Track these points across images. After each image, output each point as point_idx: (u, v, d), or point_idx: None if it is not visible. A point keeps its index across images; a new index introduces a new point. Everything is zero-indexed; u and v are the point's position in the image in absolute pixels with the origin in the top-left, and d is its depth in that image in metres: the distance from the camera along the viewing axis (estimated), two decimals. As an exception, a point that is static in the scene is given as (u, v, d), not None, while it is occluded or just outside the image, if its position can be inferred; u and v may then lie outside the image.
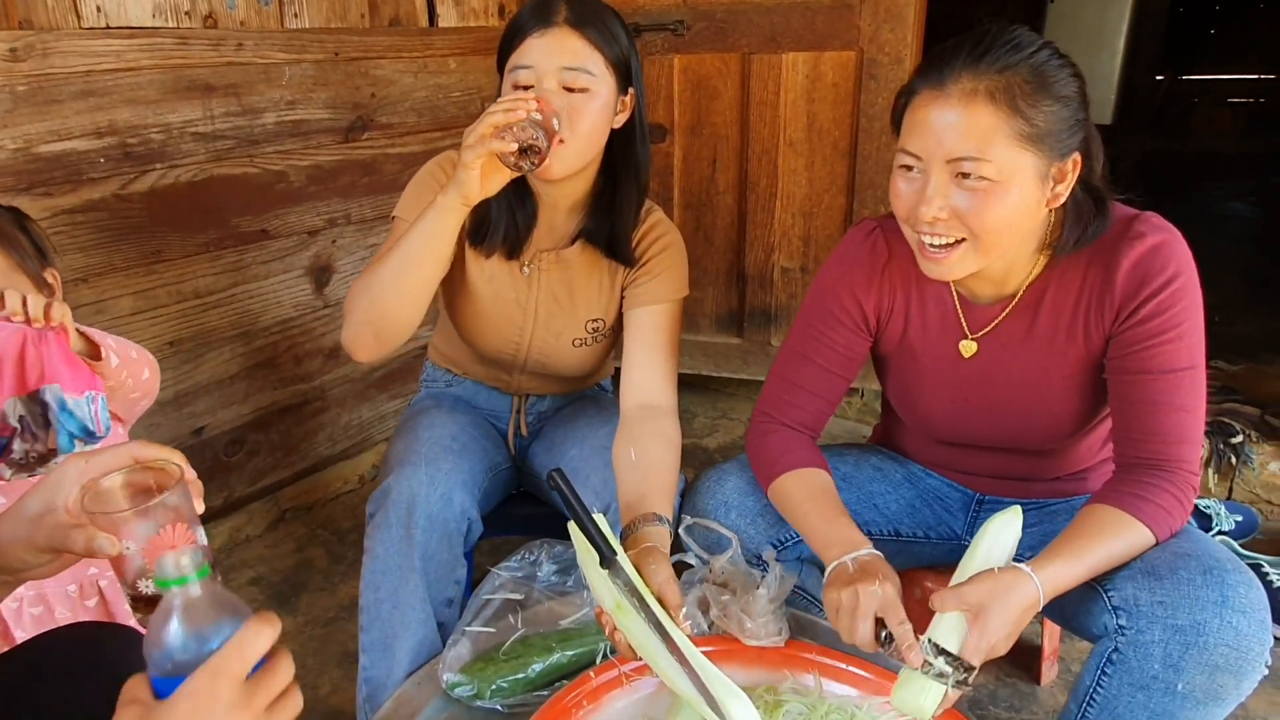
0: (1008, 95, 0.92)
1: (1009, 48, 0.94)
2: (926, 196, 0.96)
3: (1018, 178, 0.95)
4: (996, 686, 1.60)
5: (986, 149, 0.93)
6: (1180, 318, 1.02)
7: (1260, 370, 2.53)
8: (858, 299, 1.18)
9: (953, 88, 0.93)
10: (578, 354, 1.38)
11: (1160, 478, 1.02)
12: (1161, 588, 0.95)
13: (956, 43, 0.97)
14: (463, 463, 1.28)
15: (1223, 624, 0.91)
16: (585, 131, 1.16)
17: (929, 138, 0.95)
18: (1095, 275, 1.05)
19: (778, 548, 1.18)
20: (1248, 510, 2.02)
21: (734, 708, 0.89)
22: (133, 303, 1.73)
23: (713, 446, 2.56)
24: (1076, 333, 1.08)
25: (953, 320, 1.15)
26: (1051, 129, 0.94)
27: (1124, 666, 0.97)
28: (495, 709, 1.05)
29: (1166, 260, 1.01)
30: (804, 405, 1.21)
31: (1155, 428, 1.03)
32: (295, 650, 1.72)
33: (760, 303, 2.51)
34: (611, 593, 0.98)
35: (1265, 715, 1.51)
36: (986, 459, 1.25)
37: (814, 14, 2.19)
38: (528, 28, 1.15)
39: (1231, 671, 0.92)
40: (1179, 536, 1.02)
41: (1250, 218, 5.14)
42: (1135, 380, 1.04)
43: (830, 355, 1.20)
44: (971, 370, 1.16)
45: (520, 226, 1.29)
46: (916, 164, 0.98)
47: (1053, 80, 0.94)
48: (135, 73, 1.65)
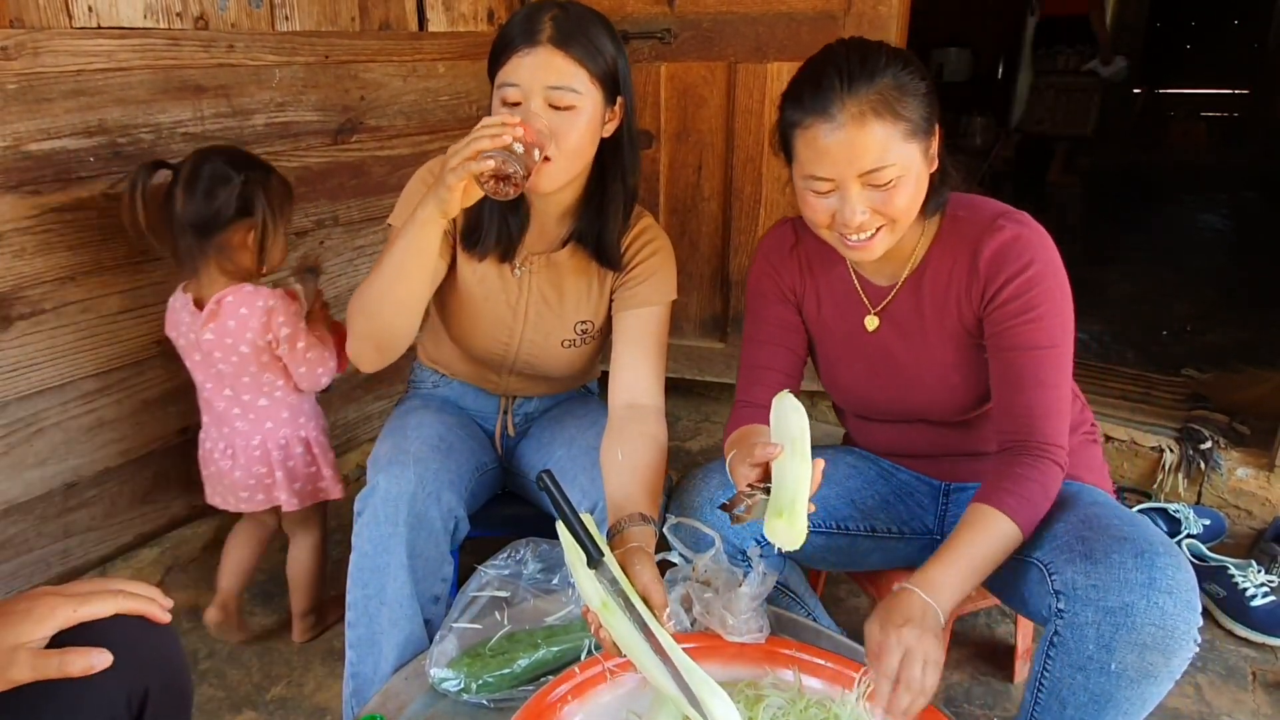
0: (886, 105, 1.05)
1: (866, 69, 1.06)
2: (850, 208, 1.08)
3: (913, 165, 1.08)
4: (971, 684, 1.64)
5: (886, 155, 1.05)
6: (1038, 300, 1.12)
7: (1229, 378, 2.59)
8: (776, 278, 1.32)
9: (842, 116, 1.04)
10: (566, 355, 1.40)
11: (1026, 464, 1.10)
12: (1095, 570, 1.00)
13: (820, 72, 1.08)
14: (450, 462, 1.29)
15: (1149, 605, 0.96)
16: (571, 148, 1.17)
17: (838, 162, 1.06)
18: (963, 260, 1.17)
19: (760, 542, 1.21)
20: (1215, 515, 2.07)
21: (715, 706, 0.92)
22: (120, 301, 1.73)
23: (696, 449, 2.58)
24: (951, 310, 1.20)
25: (855, 298, 1.28)
26: (921, 116, 1.07)
27: (1063, 648, 1.02)
28: (481, 704, 1.07)
29: (1023, 250, 1.13)
30: (765, 381, 1.30)
31: (1021, 404, 1.13)
32: (281, 648, 1.73)
33: (744, 308, 2.53)
34: (598, 592, 1.00)
35: (1229, 711, 1.56)
36: (913, 434, 1.33)
37: (798, 25, 2.23)
38: (514, 44, 1.15)
39: (1160, 650, 0.97)
40: (1118, 518, 1.07)
41: (1222, 230, 5.25)
42: (1004, 358, 1.15)
43: (772, 330, 1.32)
44: (876, 344, 1.27)
45: (513, 231, 1.30)
46: (828, 185, 1.09)
47: (908, 81, 1.07)
48: (126, 73, 1.65)
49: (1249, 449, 2.16)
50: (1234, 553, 1.96)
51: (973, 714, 1.57)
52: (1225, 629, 1.76)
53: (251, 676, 1.66)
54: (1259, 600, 1.73)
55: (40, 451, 1.66)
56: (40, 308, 1.61)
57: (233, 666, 1.68)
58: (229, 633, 1.72)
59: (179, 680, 0.92)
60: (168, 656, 0.90)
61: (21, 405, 1.62)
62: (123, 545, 1.85)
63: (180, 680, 0.92)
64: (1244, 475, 2.14)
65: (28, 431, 1.63)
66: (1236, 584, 1.77)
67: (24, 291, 1.58)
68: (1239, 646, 1.73)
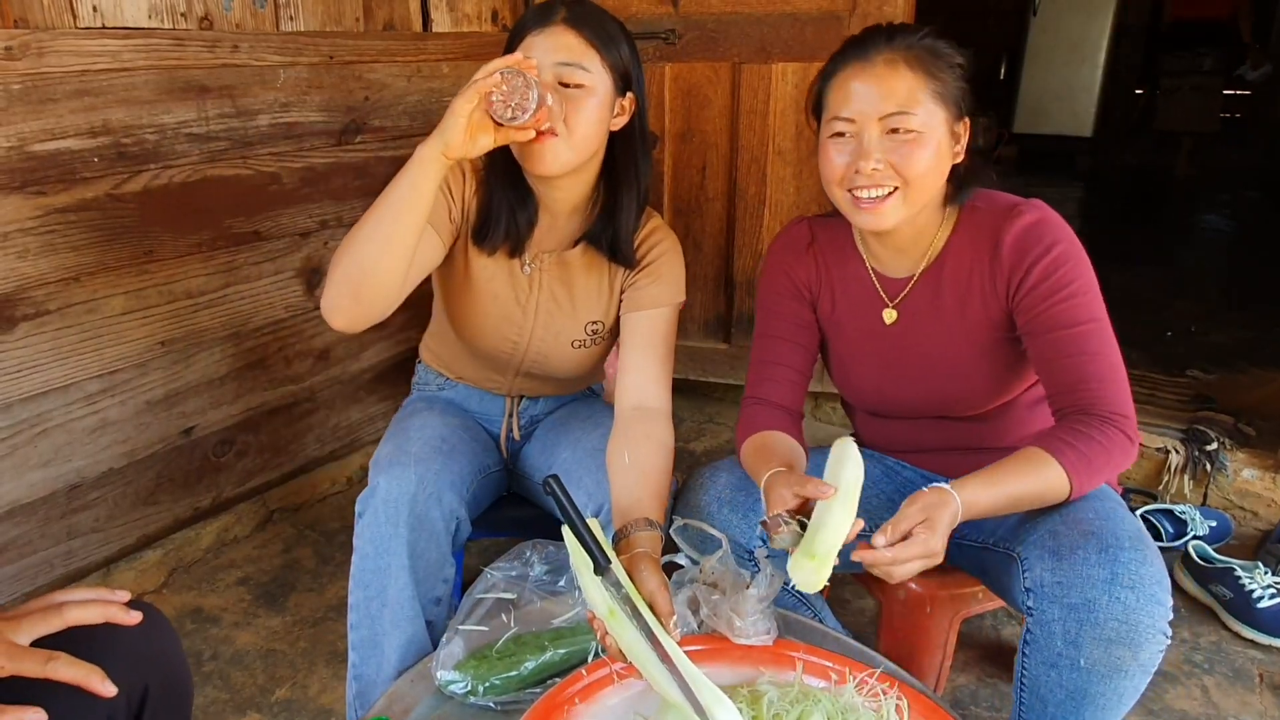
0: (920, 61, 1.09)
1: (909, 31, 1.12)
2: (865, 151, 1.09)
3: (935, 129, 1.10)
4: (978, 686, 1.63)
5: (912, 103, 1.08)
6: (1069, 277, 1.11)
7: (1234, 379, 2.58)
8: (791, 275, 1.32)
9: (876, 58, 1.10)
10: (575, 355, 1.39)
11: (1091, 424, 1.07)
12: (1061, 567, 1.01)
13: (863, 33, 1.14)
14: (452, 464, 1.29)
15: (1111, 600, 0.97)
16: (579, 125, 1.17)
17: (861, 102, 1.09)
18: (984, 250, 1.17)
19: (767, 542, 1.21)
20: (1222, 516, 2.07)
21: (721, 715, 0.91)
22: (124, 302, 1.73)
23: (699, 450, 2.58)
24: (974, 302, 1.19)
25: (871, 292, 1.27)
26: (953, 91, 1.11)
27: (1036, 646, 1.03)
28: (488, 706, 1.06)
29: (1044, 231, 1.13)
30: (778, 378, 1.30)
31: (1077, 376, 1.11)
32: (284, 650, 1.73)
33: (748, 309, 2.54)
34: (604, 598, 0.99)
35: (1236, 713, 1.55)
36: (922, 430, 1.33)
37: (803, 25, 2.22)
38: (528, 26, 1.18)
39: (1125, 644, 0.97)
40: (1095, 513, 1.06)
41: (1225, 230, 5.24)
42: (1047, 340, 1.13)
43: (784, 325, 1.32)
44: (894, 338, 1.27)
45: (521, 225, 1.30)
46: (849, 128, 1.11)
47: (945, 52, 1.12)
48: (130, 73, 1.65)
49: (1255, 450, 2.16)
50: (1240, 554, 1.95)
51: (979, 716, 1.56)
52: (1232, 630, 1.76)
53: (256, 678, 1.66)
54: (1266, 602, 1.72)
55: (44, 453, 1.66)
56: (44, 309, 1.61)
57: (237, 668, 1.68)
58: None
59: (179, 678, 0.91)
60: (167, 655, 0.89)
61: (25, 406, 1.61)
62: (126, 547, 1.84)
63: (180, 678, 0.92)
64: (1250, 476, 2.13)
65: (32, 433, 1.63)
66: (1243, 585, 1.76)
67: (28, 292, 1.58)
68: (1245, 648, 1.72)
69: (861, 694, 0.98)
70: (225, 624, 1.79)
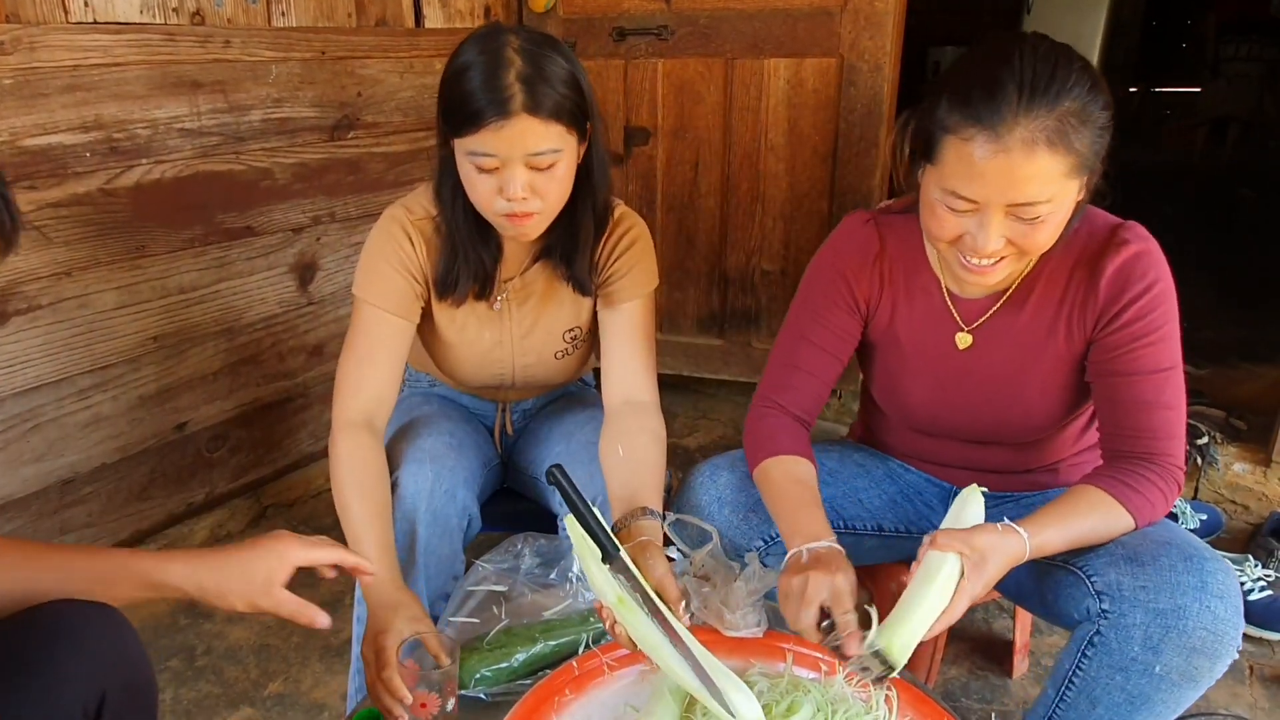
0: (1062, 136, 0.92)
1: (1053, 86, 0.92)
2: (986, 235, 0.98)
3: (1066, 202, 0.98)
4: (969, 679, 1.64)
5: (1044, 191, 0.94)
6: (1160, 320, 1.06)
7: (1226, 374, 2.60)
8: (850, 284, 1.21)
9: (1010, 139, 0.91)
10: (561, 364, 1.40)
11: (1149, 470, 1.06)
12: (1144, 573, 0.99)
13: (996, 75, 0.93)
14: (463, 460, 1.30)
15: (1202, 608, 0.95)
16: (553, 194, 1.14)
17: (989, 188, 0.95)
18: (1080, 277, 1.10)
19: (768, 543, 1.20)
20: (1212, 510, 2.08)
21: (737, 699, 0.91)
22: (116, 297, 1.73)
23: (693, 446, 2.59)
24: (1058, 331, 1.13)
25: (943, 313, 1.19)
26: (1092, 151, 0.96)
27: (1105, 649, 1.00)
28: (479, 697, 1.07)
29: (1147, 268, 1.06)
30: (801, 386, 1.23)
31: (1144, 426, 1.07)
32: (277, 645, 1.73)
33: (741, 305, 2.54)
34: (613, 587, 0.98)
35: (1226, 705, 1.56)
36: (962, 450, 1.28)
37: (795, 21, 2.23)
38: (484, 115, 1.05)
39: (1207, 654, 0.96)
40: (1156, 526, 1.06)
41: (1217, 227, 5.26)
42: (1122, 382, 1.08)
43: (826, 335, 1.23)
44: (962, 361, 1.19)
45: (488, 263, 1.26)
46: (970, 206, 0.98)
47: (1092, 111, 0.94)
48: (122, 68, 1.65)
49: (1246, 444, 2.17)
50: (1231, 548, 1.96)
51: (971, 708, 1.57)
52: (1222, 624, 1.77)
53: (249, 673, 1.66)
54: (1256, 595, 1.73)
55: (36, 447, 1.66)
56: (36, 303, 1.61)
57: (230, 663, 1.68)
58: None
59: (139, 678, 0.88)
60: (126, 654, 0.86)
61: (17, 401, 1.61)
62: (119, 542, 1.84)
63: (140, 678, 0.88)
64: (1241, 470, 2.14)
65: (24, 427, 1.63)
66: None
67: (20, 287, 1.58)
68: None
69: (851, 685, 0.98)
70: (218, 619, 1.79)
